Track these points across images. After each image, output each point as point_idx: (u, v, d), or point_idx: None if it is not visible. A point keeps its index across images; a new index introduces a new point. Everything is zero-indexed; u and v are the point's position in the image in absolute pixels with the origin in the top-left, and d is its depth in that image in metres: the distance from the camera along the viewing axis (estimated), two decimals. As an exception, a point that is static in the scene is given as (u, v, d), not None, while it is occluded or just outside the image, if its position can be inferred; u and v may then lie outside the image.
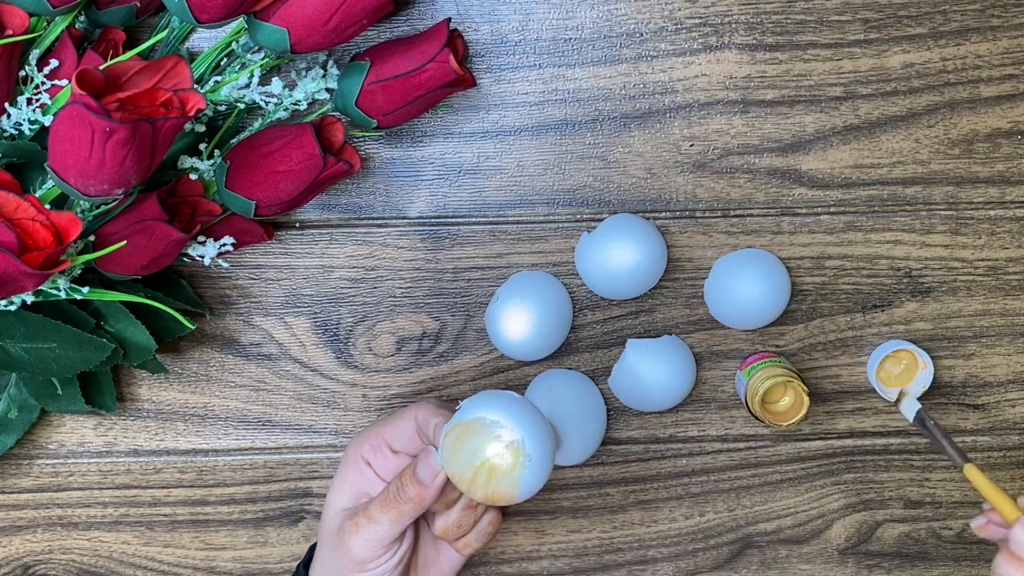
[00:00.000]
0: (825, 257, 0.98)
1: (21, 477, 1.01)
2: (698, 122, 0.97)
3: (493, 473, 0.78)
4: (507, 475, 0.79)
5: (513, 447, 0.78)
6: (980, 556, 1.03)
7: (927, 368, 0.97)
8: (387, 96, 0.89)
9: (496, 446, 0.78)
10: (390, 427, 0.84)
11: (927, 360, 0.97)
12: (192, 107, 0.77)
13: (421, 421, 0.83)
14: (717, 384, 1.00)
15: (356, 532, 0.81)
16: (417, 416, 0.83)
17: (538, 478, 0.80)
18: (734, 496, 1.02)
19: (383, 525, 0.81)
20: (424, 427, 0.83)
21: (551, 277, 0.98)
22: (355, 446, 0.85)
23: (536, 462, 0.79)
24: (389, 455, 0.84)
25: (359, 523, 0.81)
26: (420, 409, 0.83)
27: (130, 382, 1.00)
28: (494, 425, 0.79)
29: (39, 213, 0.76)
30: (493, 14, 0.95)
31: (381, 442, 0.84)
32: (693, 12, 0.95)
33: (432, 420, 0.82)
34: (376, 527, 0.81)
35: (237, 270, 0.98)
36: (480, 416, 0.79)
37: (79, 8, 0.86)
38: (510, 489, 0.79)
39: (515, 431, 0.79)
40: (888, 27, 0.95)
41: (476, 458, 0.78)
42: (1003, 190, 0.98)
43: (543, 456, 0.80)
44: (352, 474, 0.84)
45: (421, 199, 0.98)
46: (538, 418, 0.80)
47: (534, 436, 0.79)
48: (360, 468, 0.84)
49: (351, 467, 0.85)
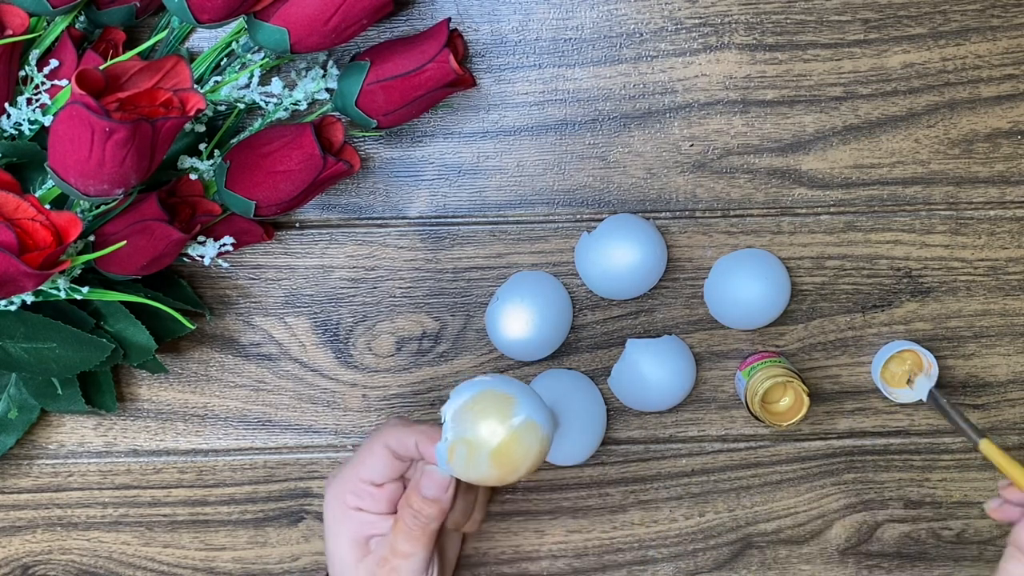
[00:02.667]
0: (825, 257, 0.98)
1: (21, 477, 1.01)
2: (698, 122, 0.97)
3: (527, 459, 0.79)
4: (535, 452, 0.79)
5: (528, 424, 0.79)
6: (980, 556, 1.03)
7: (932, 368, 0.96)
8: (387, 96, 0.89)
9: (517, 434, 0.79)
10: (363, 466, 0.83)
11: (931, 360, 0.96)
12: (192, 107, 0.77)
13: (395, 446, 0.82)
14: (717, 384, 1.00)
15: (395, 572, 0.81)
16: (388, 443, 0.82)
17: (552, 435, 0.80)
18: (734, 496, 1.02)
19: (419, 555, 0.81)
20: (400, 449, 0.82)
21: (551, 277, 0.98)
22: (336, 497, 0.84)
23: (547, 426, 0.80)
24: (375, 491, 0.83)
25: (396, 565, 0.81)
26: (387, 435, 0.83)
27: (130, 382, 1.00)
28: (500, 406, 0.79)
29: (39, 213, 0.76)
30: (493, 14, 0.95)
31: (359, 484, 0.83)
32: (693, 12, 0.95)
33: (408, 439, 0.82)
34: (414, 559, 0.81)
35: (237, 270, 0.98)
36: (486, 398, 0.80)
37: (79, 8, 0.86)
38: (538, 460, 0.80)
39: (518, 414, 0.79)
40: (888, 27, 0.95)
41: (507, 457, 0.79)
42: (1003, 190, 0.98)
43: (547, 416, 0.80)
44: (347, 524, 0.83)
45: (421, 199, 0.98)
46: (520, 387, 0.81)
47: (533, 406, 0.80)
48: (351, 516, 0.83)
49: (343, 519, 0.84)
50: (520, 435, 0.79)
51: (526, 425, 0.79)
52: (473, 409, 0.79)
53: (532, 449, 0.79)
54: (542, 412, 0.80)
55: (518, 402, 0.79)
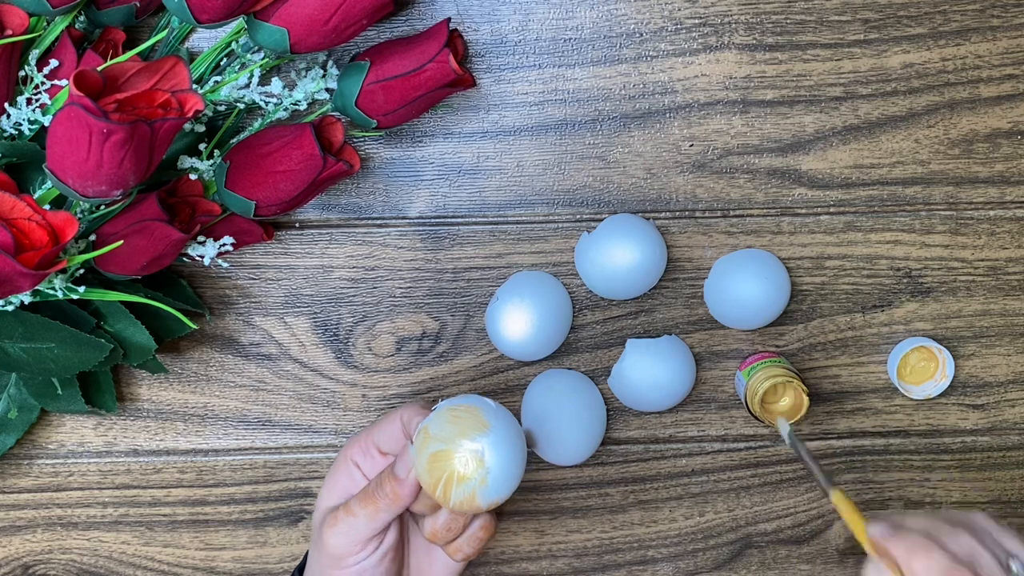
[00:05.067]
0: (825, 257, 0.98)
1: (21, 477, 1.01)
2: (698, 122, 0.97)
3: (452, 481, 0.78)
4: (468, 483, 0.78)
5: (476, 456, 0.78)
6: (980, 556, 1.03)
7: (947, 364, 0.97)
8: (387, 96, 0.89)
9: (458, 454, 0.78)
10: (378, 429, 0.84)
11: (947, 356, 0.97)
12: (190, 108, 0.77)
13: (406, 421, 0.83)
14: (717, 384, 1.00)
15: (334, 526, 0.81)
16: (403, 416, 0.83)
17: (502, 487, 0.79)
18: (734, 496, 1.02)
19: (359, 519, 0.81)
20: (409, 427, 0.83)
21: (551, 277, 0.98)
22: (346, 449, 0.85)
23: (497, 472, 0.78)
24: (377, 456, 0.84)
25: (337, 517, 0.82)
26: (406, 410, 0.83)
27: (130, 382, 1.00)
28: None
29: (35, 213, 0.76)
30: (493, 14, 0.95)
31: (370, 444, 0.84)
32: (693, 12, 0.95)
33: (415, 420, 0.82)
34: (353, 520, 0.81)
35: (237, 270, 0.98)
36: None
37: (79, 8, 0.86)
38: (472, 498, 0.78)
39: (476, 440, 0.78)
40: (888, 27, 0.95)
41: (433, 458, 0.78)
42: (1003, 190, 0.98)
43: (506, 464, 0.78)
44: (341, 476, 0.85)
45: (421, 199, 0.98)
46: (506, 427, 0.79)
47: (497, 445, 0.78)
48: (349, 470, 0.85)
49: (341, 469, 0.85)
50: (462, 457, 0.77)
51: (471, 453, 0.77)
52: (456, 411, 0.79)
53: (467, 480, 0.77)
54: (502, 460, 0.78)
55: (488, 435, 0.78)
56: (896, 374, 0.98)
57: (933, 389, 0.98)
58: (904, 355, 0.98)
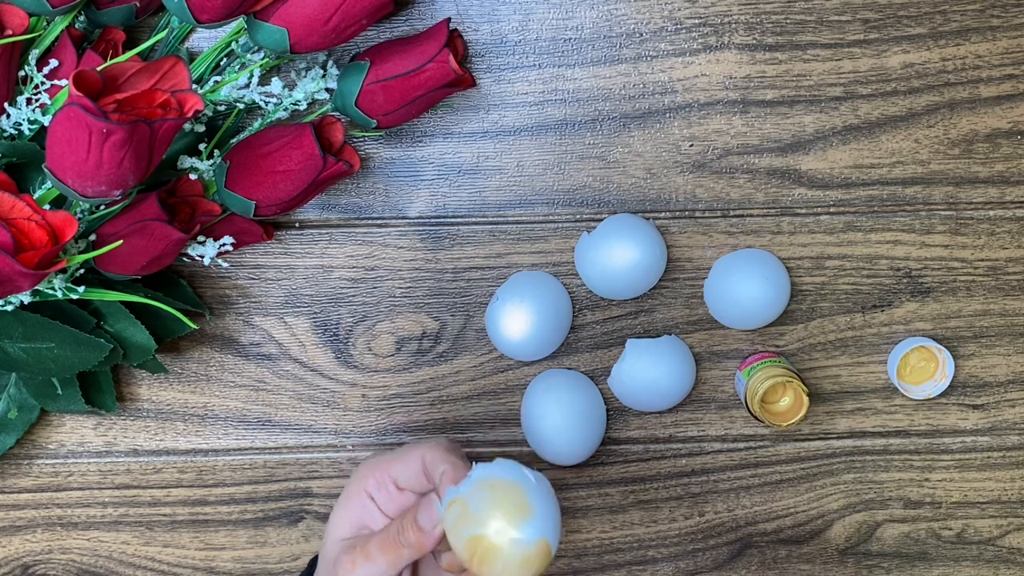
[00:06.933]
0: (825, 257, 0.98)
1: (21, 477, 1.01)
2: (698, 122, 0.97)
3: (490, 561, 0.76)
4: (507, 563, 0.76)
5: (518, 544, 0.75)
6: (980, 556, 1.03)
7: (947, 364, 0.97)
8: (387, 96, 0.89)
9: (500, 542, 0.75)
10: (397, 463, 0.83)
11: (947, 356, 0.97)
12: (190, 108, 0.77)
13: (429, 463, 0.81)
14: (717, 384, 1.00)
15: (352, 570, 0.80)
16: (425, 457, 0.81)
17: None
18: (734, 496, 1.02)
19: (380, 566, 0.79)
20: (431, 469, 0.81)
21: (551, 277, 0.98)
22: (360, 477, 0.84)
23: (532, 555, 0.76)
24: (394, 491, 0.83)
25: (356, 560, 0.80)
26: (429, 450, 0.81)
27: (130, 382, 1.00)
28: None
29: (35, 213, 0.76)
30: (493, 14, 0.95)
31: (386, 478, 0.83)
32: (693, 12, 0.95)
33: (440, 466, 0.80)
34: (372, 567, 0.80)
35: (237, 270, 0.98)
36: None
37: (79, 8, 0.86)
38: (505, 570, 0.76)
39: (520, 529, 0.75)
40: (888, 27, 0.95)
41: (473, 541, 0.76)
42: (1003, 190, 0.98)
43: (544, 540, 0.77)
44: (355, 506, 0.83)
45: (421, 199, 0.98)
46: (547, 505, 0.77)
47: (541, 530, 0.76)
48: (363, 501, 0.83)
49: (354, 499, 0.83)
50: (505, 548, 0.75)
51: (513, 543, 0.75)
52: (495, 487, 0.76)
53: (506, 561, 0.75)
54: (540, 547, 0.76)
55: (531, 522, 0.76)
56: (896, 374, 0.98)
57: (933, 389, 0.98)
58: (904, 355, 0.98)
